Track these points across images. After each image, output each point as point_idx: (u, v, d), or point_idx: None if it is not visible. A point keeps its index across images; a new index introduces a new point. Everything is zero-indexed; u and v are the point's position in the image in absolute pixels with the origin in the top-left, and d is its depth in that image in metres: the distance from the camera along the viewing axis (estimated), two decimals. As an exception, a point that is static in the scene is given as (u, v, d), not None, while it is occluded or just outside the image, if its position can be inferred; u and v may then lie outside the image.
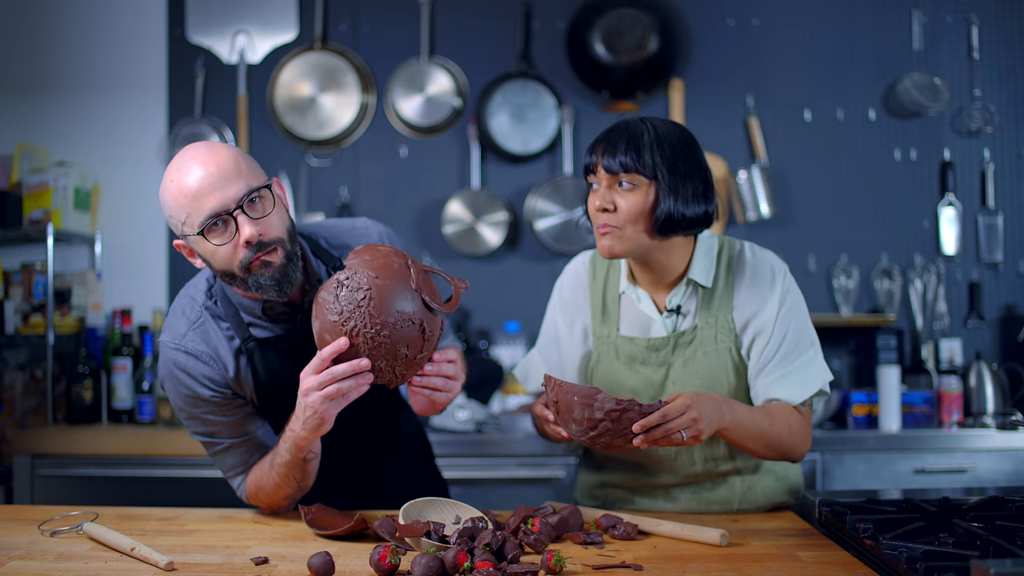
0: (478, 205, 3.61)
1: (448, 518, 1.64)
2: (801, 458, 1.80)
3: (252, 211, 1.62)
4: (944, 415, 3.18)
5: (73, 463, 3.06)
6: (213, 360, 1.75)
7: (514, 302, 3.58)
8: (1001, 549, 1.35)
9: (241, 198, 1.60)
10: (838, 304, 3.60)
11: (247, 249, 1.61)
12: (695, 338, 1.80)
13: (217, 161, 1.61)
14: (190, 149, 1.65)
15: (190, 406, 1.78)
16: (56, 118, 3.69)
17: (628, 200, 1.71)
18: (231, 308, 1.77)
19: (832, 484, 3.02)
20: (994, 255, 3.60)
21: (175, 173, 1.63)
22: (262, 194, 1.64)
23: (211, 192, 1.60)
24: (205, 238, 1.61)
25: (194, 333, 1.77)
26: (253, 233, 1.60)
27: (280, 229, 1.65)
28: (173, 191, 1.62)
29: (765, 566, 1.45)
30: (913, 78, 3.58)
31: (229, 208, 1.60)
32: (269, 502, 1.82)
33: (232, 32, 3.68)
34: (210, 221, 1.60)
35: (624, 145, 1.71)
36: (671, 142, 1.72)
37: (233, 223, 1.61)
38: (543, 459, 3.02)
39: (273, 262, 1.63)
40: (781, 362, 1.76)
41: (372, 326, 1.57)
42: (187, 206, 1.61)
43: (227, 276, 1.66)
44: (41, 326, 3.33)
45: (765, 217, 3.56)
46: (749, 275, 1.81)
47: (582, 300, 1.93)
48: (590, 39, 3.52)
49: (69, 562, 1.48)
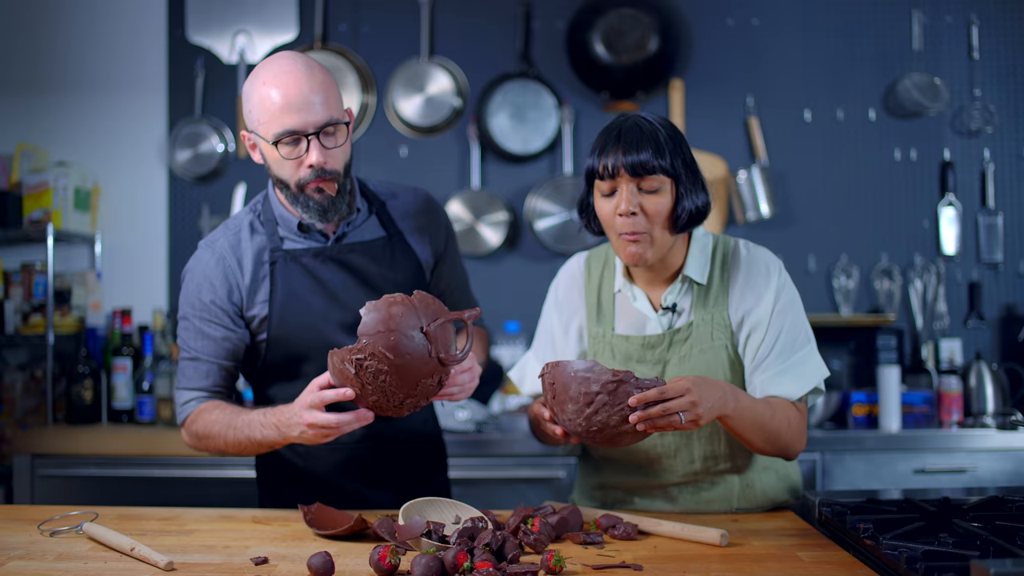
0: (478, 205, 3.61)
1: (448, 518, 1.64)
2: (796, 455, 1.79)
3: (325, 140, 1.73)
4: (944, 415, 3.18)
5: (73, 463, 3.06)
6: (231, 266, 1.84)
7: (514, 302, 3.58)
8: (1001, 549, 1.35)
9: (321, 126, 1.71)
10: (838, 304, 3.60)
11: (309, 171, 1.73)
12: (691, 335, 1.80)
13: (311, 83, 1.70)
14: (289, 58, 1.73)
15: (189, 305, 1.86)
16: (56, 118, 3.69)
17: (654, 202, 1.69)
18: (271, 217, 1.86)
19: (832, 484, 3.02)
20: (994, 255, 3.60)
21: (269, 76, 1.72)
22: (339, 128, 1.74)
23: (296, 111, 1.69)
24: (275, 146, 1.72)
25: (226, 240, 1.87)
26: (320, 160, 1.72)
27: (342, 163, 1.77)
28: (261, 94, 1.72)
29: (765, 566, 1.45)
30: (913, 78, 3.58)
31: (307, 131, 1.70)
32: (208, 449, 1.85)
33: (232, 32, 3.68)
34: (285, 135, 1.70)
35: (646, 146, 1.68)
36: (677, 137, 1.73)
37: (305, 144, 1.72)
38: (543, 459, 3.02)
39: (326, 190, 1.75)
40: (777, 358, 1.75)
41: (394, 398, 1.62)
42: (268, 112, 1.71)
43: (280, 184, 1.78)
44: (41, 326, 3.33)
45: (765, 217, 3.56)
46: (744, 271, 1.81)
47: (577, 301, 1.92)
48: (590, 39, 3.52)
49: (69, 562, 1.48)
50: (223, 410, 1.82)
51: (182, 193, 3.68)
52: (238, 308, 1.85)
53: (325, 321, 1.84)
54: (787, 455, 1.77)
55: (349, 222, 1.88)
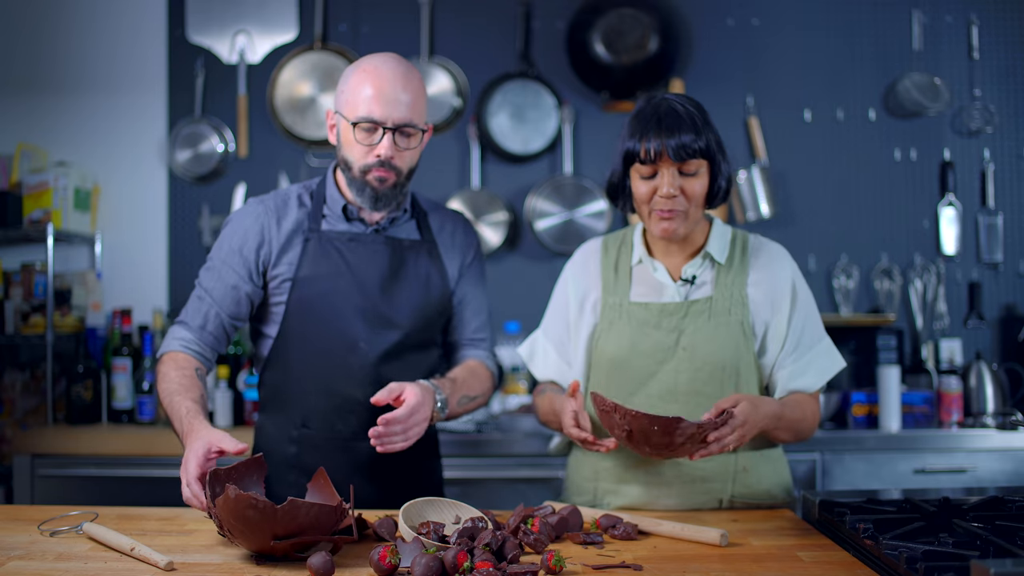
0: (478, 205, 3.61)
1: (448, 518, 1.64)
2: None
3: (399, 138, 1.86)
4: (944, 415, 3.18)
5: (73, 463, 3.06)
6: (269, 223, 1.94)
7: (514, 302, 3.58)
8: (1001, 549, 1.35)
9: (400, 124, 1.85)
10: (838, 304, 3.60)
11: (375, 159, 1.86)
12: (709, 308, 1.85)
13: (406, 84, 1.85)
14: (394, 59, 1.89)
15: (217, 249, 1.97)
16: (56, 118, 3.69)
17: (694, 184, 1.78)
18: (321, 196, 1.98)
19: (832, 484, 3.02)
20: (994, 255, 3.60)
21: (371, 66, 1.87)
22: (415, 132, 1.88)
23: (384, 104, 1.83)
24: (353, 128, 1.85)
25: (273, 201, 1.98)
26: (389, 153, 1.85)
27: (406, 165, 1.90)
28: (358, 79, 1.86)
29: (765, 566, 1.45)
30: (913, 78, 3.58)
31: (386, 124, 1.84)
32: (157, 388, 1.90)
33: (232, 32, 3.68)
34: (365, 122, 1.84)
35: (687, 130, 1.76)
36: (706, 116, 1.81)
37: (380, 135, 1.85)
38: (543, 459, 3.02)
39: (387, 181, 1.88)
40: (800, 352, 1.86)
41: None
42: (359, 97, 1.85)
43: (345, 165, 1.91)
44: (41, 326, 3.33)
45: (765, 217, 3.56)
46: (765, 257, 1.90)
47: (594, 274, 1.96)
48: (590, 39, 3.52)
49: (69, 562, 1.48)
50: (180, 375, 1.85)
51: (182, 193, 3.68)
52: (263, 263, 1.95)
53: (345, 302, 1.92)
54: (803, 440, 1.91)
55: (393, 219, 1.98)
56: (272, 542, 1.42)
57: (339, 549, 1.50)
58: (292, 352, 1.96)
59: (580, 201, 3.60)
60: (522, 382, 3.44)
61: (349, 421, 1.94)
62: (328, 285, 1.92)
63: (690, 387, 1.84)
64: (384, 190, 1.89)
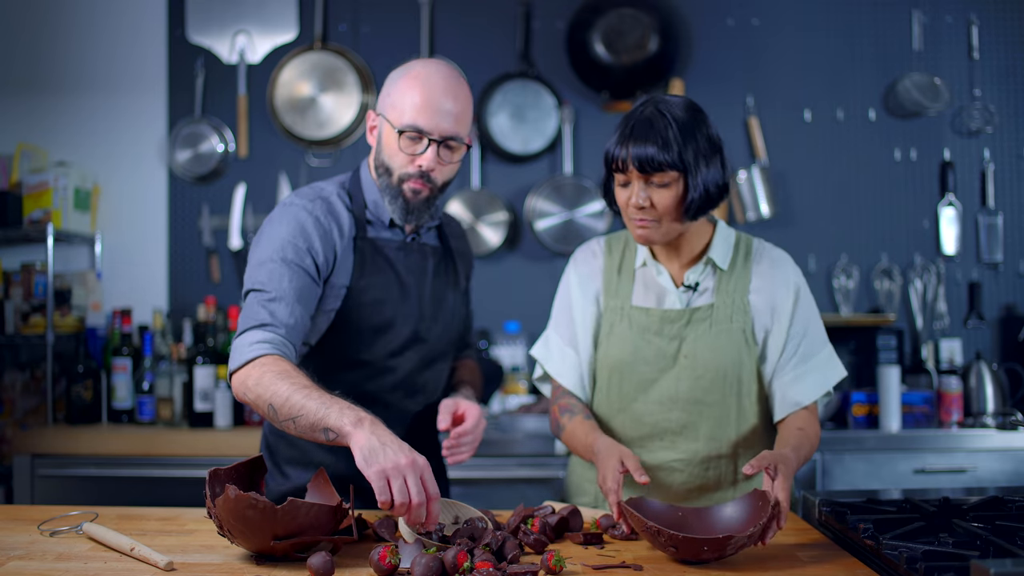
0: (478, 205, 3.61)
1: (448, 518, 1.64)
2: None
3: (443, 151, 1.82)
4: (944, 415, 3.17)
5: (73, 463, 3.06)
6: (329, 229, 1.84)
7: (514, 302, 3.58)
8: (1001, 549, 1.35)
9: (445, 138, 1.81)
10: (838, 304, 3.60)
11: (416, 169, 1.81)
12: (711, 315, 1.84)
13: (456, 95, 1.82)
14: (447, 67, 1.87)
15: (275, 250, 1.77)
16: (56, 118, 3.69)
17: (663, 196, 1.75)
18: (361, 199, 1.91)
19: (832, 484, 3.02)
20: (994, 255, 3.60)
21: (422, 71, 1.83)
22: (458, 147, 1.84)
23: (431, 115, 1.79)
24: (397, 135, 1.80)
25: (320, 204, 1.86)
26: (431, 165, 1.81)
27: (444, 179, 1.86)
28: (408, 83, 1.81)
29: (765, 566, 1.45)
30: (913, 78, 3.58)
31: (432, 135, 1.80)
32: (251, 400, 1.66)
33: (232, 32, 3.68)
34: (411, 131, 1.79)
35: (653, 142, 1.72)
36: (689, 127, 1.74)
37: (425, 145, 1.80)
38: (543, 459, 3.02)
39: (421, 193, 1.84)
40: (800, 360, 1.83)
41: None
42: (406, 103, 1.80)
43: (383, 170, 1.85)
44: (41, 326, 3.33)
45: (765, 217, 3.56)
46: (768, 263, 1.88)
47: (596, 272, 1.96)
48: (590, 39, 3.52)
49: (69, 562, 1.48)
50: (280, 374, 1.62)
51: (182, 193, 3.68)
52: (327, 270, 1.83)
53: (396, 311, 1.89)
54: None
55: (428, 228, 1.98)
56: (272, 542, 1.42)
57: (339, 549, 1.50)
58: (329, 359, 1.90)
59: (580, 201, 3.60)
60: (522, 382, 3.44)
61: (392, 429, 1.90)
62: (381, 294, 1.88)
63: (691, 395, 1.84)
64: (416, 202, 1.85)
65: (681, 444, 1.86)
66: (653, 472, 1.86)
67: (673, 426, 1.85)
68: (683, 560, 1.47)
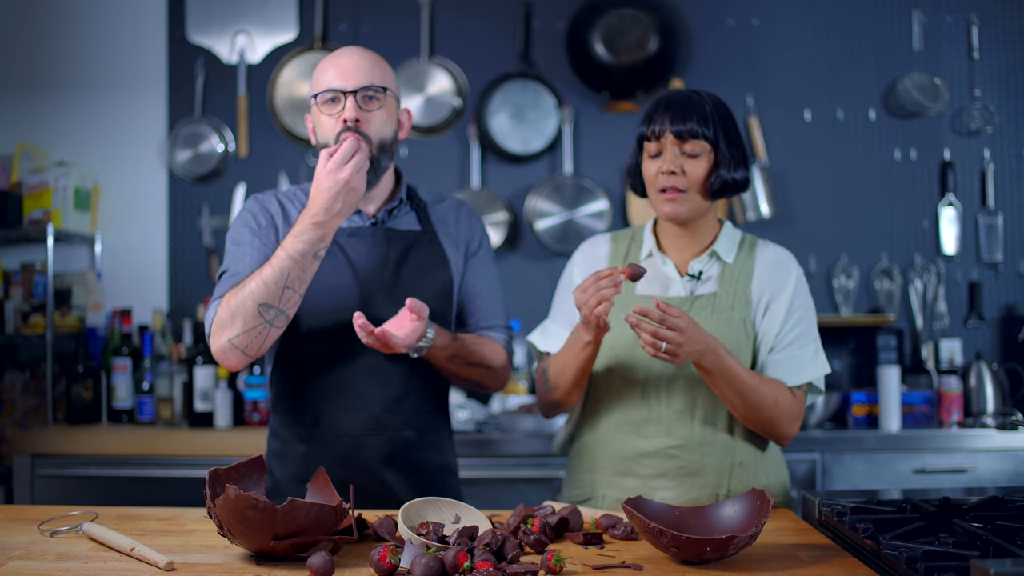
0: (478, 205, 3.61)
1: (448, 518, 1.64)
2: (787, 440, 1.88)
3: (363, 102, 1.85)
4: (944, 415, 3.18)
5: (73, 463, 3.06)
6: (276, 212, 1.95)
7: (514, 302, 3.55)
8: (1001, 549, 1.35)
9: (360, 88, 1.84)
10: (838, 304, 3.60)
11: (343, 125, 1.83)
12: (713, 303, 1.88)
13: (361, 59, 1.87)
14: (350, 47, 1.93)
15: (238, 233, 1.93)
16: (56, 118, 3.69)
17: (694, 165, 1.83)
18: None
19: (832, 484, 3.02)
20: (994, 255, 3.60)
21: (331, 55, 1.91)
22: (378, 96, 1.87)
23: (340, 75, 1.85)
24: (319, 106, 1.86)
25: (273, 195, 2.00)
26: (353, 115, 1.83)
27: (377, 132, 1.87)
28: (320, 68, 1.89)
29: (765, 566, 1.45)
30: (913, 78, 3.58)
31: (347, 89, 1.84)
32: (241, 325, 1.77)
33: (232, 32, 3.68)
34: (327, 94, 1.85)
35: (692, 113, 1.82)
36: (724, 113, 1.86)
37: (343, 103, 1.84)
38: (543, 459, 3.02)
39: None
40: (785, 348, 1.87)
41: None
42: (319, 75, 1.87)
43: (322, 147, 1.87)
44: (41, 326, 3.33)
45: (765, 217, 3.56)
46: (771, 259, 1.93)
47: (601, 258, 1.99)
48: (590, 39, 3.52)
49: (69, 562, 1.48)
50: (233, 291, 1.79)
51: (182, 193, 3.68)
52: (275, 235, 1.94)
53: (349, 297, 1.90)
54: (774, 434, 1.86)
55: (390, 210, 1.97)
56: (272, 542, 1.42)
57: (339, 549, 1.50)
58: (299, 350, 1.94)
59: (580, 201, 3.60)
60: (522, 382, 3.44)
61: (358, 418, 1.93)
62: (332, 281, 1.89)
63: (688, 382, 1.87)
64: None
65: (678, 430, 1.87)
66: (650, 459, 1.87)
67: (670, 412, 1.87)
68: (684, 560, 1.47)
